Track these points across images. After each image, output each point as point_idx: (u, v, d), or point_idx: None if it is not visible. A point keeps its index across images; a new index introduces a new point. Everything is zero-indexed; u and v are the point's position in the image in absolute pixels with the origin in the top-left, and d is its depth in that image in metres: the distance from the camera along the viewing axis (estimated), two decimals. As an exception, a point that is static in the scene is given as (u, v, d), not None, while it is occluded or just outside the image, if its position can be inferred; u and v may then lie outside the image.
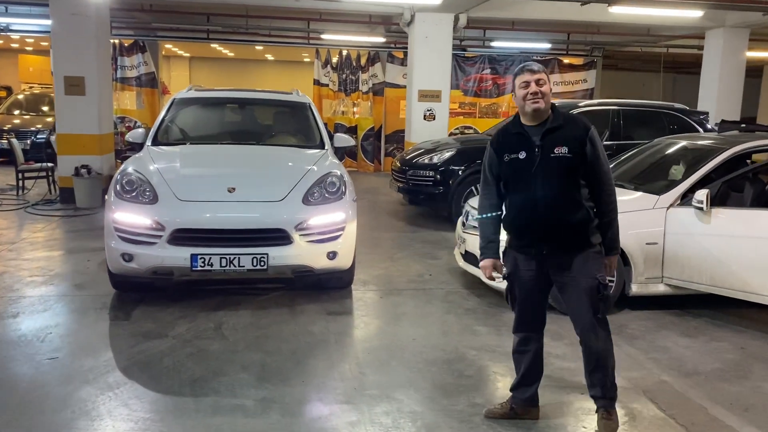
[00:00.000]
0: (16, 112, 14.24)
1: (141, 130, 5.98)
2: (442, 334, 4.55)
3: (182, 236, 4.57)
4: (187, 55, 22.45)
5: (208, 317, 4.71)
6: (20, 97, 14.89)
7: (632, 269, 4.95)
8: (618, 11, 9.01)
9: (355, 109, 14.74)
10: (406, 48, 13.84)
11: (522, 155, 3.04)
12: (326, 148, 5.90)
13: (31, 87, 16.03)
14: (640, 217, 5.06)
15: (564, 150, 2.97)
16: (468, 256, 5.45)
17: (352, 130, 14.20)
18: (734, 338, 4.62)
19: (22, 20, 13.03)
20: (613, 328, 3.32)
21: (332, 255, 4.88)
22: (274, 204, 4.75)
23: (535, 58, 14.89)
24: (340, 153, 6.25)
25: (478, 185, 7.88)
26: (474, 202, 5.70)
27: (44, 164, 9.66)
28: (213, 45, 16.76)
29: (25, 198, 9.48)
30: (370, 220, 8.75)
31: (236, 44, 15.67)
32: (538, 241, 3.07)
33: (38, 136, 12.55)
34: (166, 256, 4.55)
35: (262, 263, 4.60)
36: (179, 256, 4.53)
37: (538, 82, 3.00)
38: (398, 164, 8.88)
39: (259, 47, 16.78)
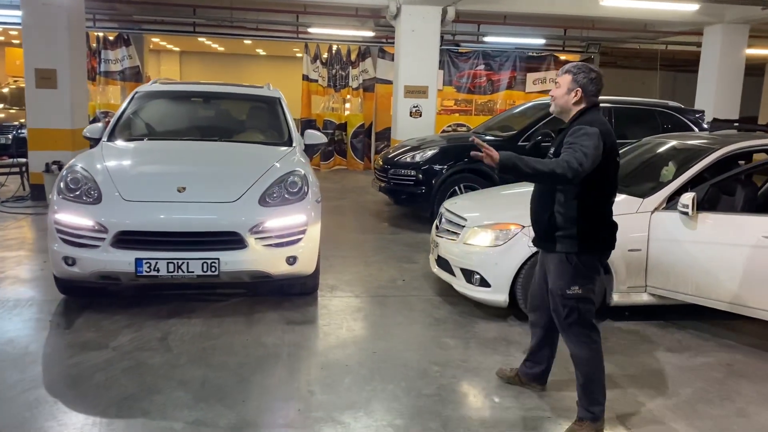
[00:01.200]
0: (0, 105, 13.93)
1: (99, 125, 5.65)
2: (405, 348, 4.22)
3: (126, 239, 4.25)
4: (177, 49, 22.14)
5: (156, 326, 4.39)
6: (5, 90, 14.57)
7: (613, 277, 4.62)
8: (610, 4, 8.67)
9: (345, 106, 14.41)
10: (397, 43, 13.62)
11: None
12: (294, 145, 5.57)
13: (16, 80, 15.72)
14: (623, 221, 4.62)
15: (552, 151, 3.07)
16: (441, 262, 5.12)
17: (341, 127, 13.88)
18: (720, 354, 4.29)
19: (3, 11, 12.69)
20: (591, 341, 3.04)
21: (292, 260, 4.55)
22: (227, 205, 4.42)
23: (530, 53, 14.55)
24: (312, 151, 5.92)
25: (462, 185, 7.58)
26: (449, 203, 5.38)
27: (15, 159, 9.34)
28: (200, 39, 16.43)
29: (-3, 194, 9.18)
30: (350, 221, 8.43)
31: (224, 38, 15.33)
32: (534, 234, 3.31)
33: (21, 131, 12.24)
34: (109, 260, 4.23)
35: (213, 269, 4.27)
36: (123, 260, 4.21)
37: (555, 83, 3.14)
38: (380, 163, 8.55)
39: (248, 41, 16.44)
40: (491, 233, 4.67)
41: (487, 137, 8.21)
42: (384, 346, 4.22)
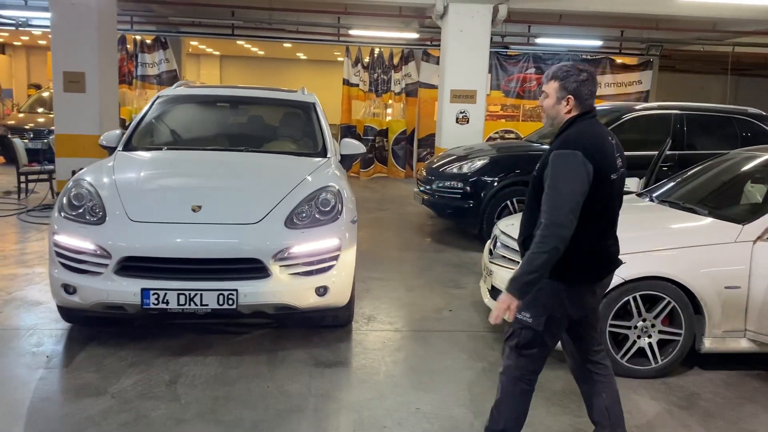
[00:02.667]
0: (40, 110, 13.79)
1: (116, 132, 5.13)
2: (455, 402, 3.52)
3: (132, 266, 3.68)
4: (217, 53, 21.91)
5: (166, 365, 3.80)
6: (45, 95, 14.44)
7: (705, 319, 3.84)
8: (684, 1, 7.77)
9: (386, 111, 13.79)
10: (442, 45, 12.94)
11: None
12: (329, 155, 4.94)
13: (56, 85, 15.60)
14: (716, 252, 3.93)
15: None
16: (496, 293, 4.40)
17: (382, 133, 13.26)
18: None
19: (43, 14, 12.49)
20: (681, 397, 2.35)
21: (322, 291, 3.91)
22: (247, 227, 3.81)
23: (583, 56, 13.67)
24: (350, 161, 5.28)
25: (515, 199, 6.84)
26: (505, 225, 4.65)
27: (44, 166, 8.99)
28: (239, 42, 16.05)
29: (26, 202, 8.85)
30: (389, 235, 7.76)
31: (264, 41, 14.88)
32: None
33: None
34: (113, 290, 3.66)
35: (231, 301, 3.66)
36: (127, 290, 3.64)
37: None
38: (424, 173, 7.87)
39: (287, 45, 15.97)
40: (558, 264, 3.93)
41: (544, 146, 7.45)
42: (429, 400, 3.53)
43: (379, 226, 8.19)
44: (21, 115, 13.76)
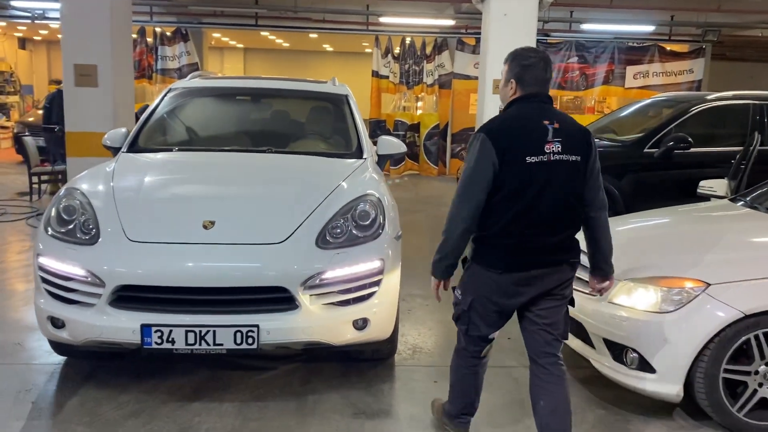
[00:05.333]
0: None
1: (122, 131, 4.45)
2: (531, 470, 2.78)
3: (130, 296, 3.00)
4: (241, 46, 21.30)
5: (173, 415, 3.12)
6: (64, 91, 13.97)
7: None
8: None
9: (418, 104, 13.02)
10: (478, 33, 12.07)
11: None
12: (365, 156, 4.21)
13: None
14: None
15: None
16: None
17: (414, 128, 12.50)
18: None
19: (58, 5, 11.97)
20: None
21: (361, 323, 3.20)
22: (271, 248, 3.10)
23: (630, 43, 12.71)
24: (384, 162, 4.55)
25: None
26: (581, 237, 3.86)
27: (56, 166, 8.42)
28: (263, 33, 15.39)
29: (39, 204, 8.31)
30: (427, 242, 6.98)
31: (288, 32, 14.21)
32: None
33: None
34: (107, 325, 2.98)
35: (250, 340, 2.96)
36: (124, 326, 2.96)
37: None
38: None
39: (313, 35, 15.27)
40: (656, 292, 3.15)
41: (603, 142, 6.62)
42: (499, 467, 2.79)
43: (415, 231, 7.43)
44: (40, 111, 13.28)
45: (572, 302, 2.75)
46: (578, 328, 3.54)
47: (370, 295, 3.22)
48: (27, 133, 10.98)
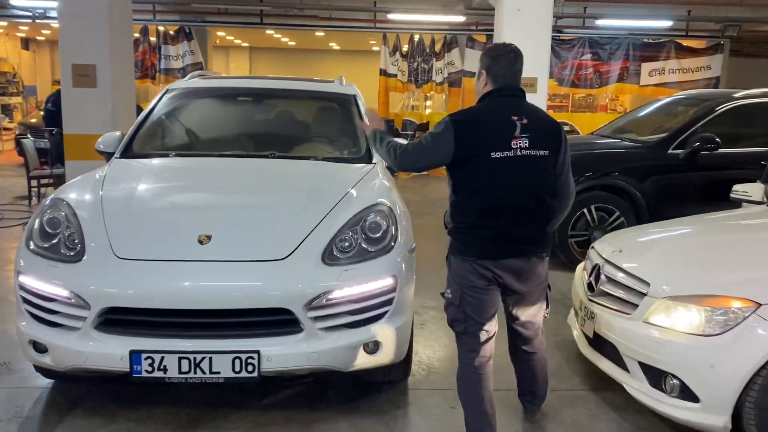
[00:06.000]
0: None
1: (116, 134, 4.19)
2: None
3: (117, 319, 2.72)
4: (246, 45, 21.05)
5: (165, 449, 2.84)
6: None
7: None
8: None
9: (427, 103, 12.73)
10: (489, 29, 11.77)
11: None
12: (374, 160, 3.92)
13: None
14: None
15: None
16: (600, 342, 3.34)
17: (422, 128, 12.17)
18: None
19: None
20: None
21: (372, 347, 2.92)
22: (272, 265, 2.81)
23: (645, 40, 12.37)
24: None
25: (593, 207, 5.72)
26: (608, 250, 3.55)
27: (53, 169, 8.17)
28: (269, 31, 15.13)
29: (35, 209, 8.05)
30: (438, 248, 6.59)
31: (294, 30, 13.93)
32: None
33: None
34: (92, 352, 2.71)
35: (250, 367, 2.68)
36: (112, 353, 2.69)
37: None
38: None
39: (320, 33, 15.00)
40: (700, 312, 2.84)
41: (624, 143, 6.31)
42: None
43: (425, 236, 7.10)
44: (43, 112, 13.07)
45: (548, 286, 2.91)
46: (609, 349, 3.24)
47: (381, 316, 2.93)
48: (27, 135, 10.77)
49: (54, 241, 2.92)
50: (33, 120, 12.58)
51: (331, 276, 2.82)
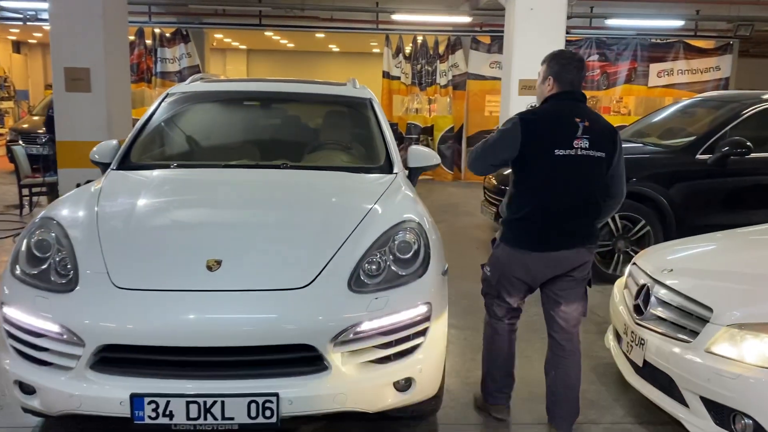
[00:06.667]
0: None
1: (113, 143, 3.84)
2: None
3: (116, 358, 2.38)
4: (244, 47, 20.69)
5: (171, 501, 2.49)
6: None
7: None
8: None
9: (431, 106, 12.40)
10: (495, 30, 11.47)
11: None
12: (395, 170, 3.60)
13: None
14: None
15: None
16: (650, 371, 3.01)
17: (427, 131, 11.89)
18: None
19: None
20: None
21: (404, 384, 2.58)
22: (292, 294, 2.47)
23: (653, 40, 12.08)
24: (416, 177, 3.93)
25: (617, 215, 5.36)
26: (658, 268, 3.23)
27: (46, 177, 7.81)
28: (267, 33, 14.78)
29: (27, 219, 7.69)
30: (454, 260, 6.27)
31: (294, 32, 13.60)
32: None
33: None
34: (87, 395, 2.36)
35: (268, 412, 2.34)
36: (110, 396, 2.34)
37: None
38: (494, 182, 6.48)
39: (320, 35, 14.67)
40: (775, 344, 2.52)
41: (648, 147, 5.99)
42: None
43: (438, 245, 6.79)
44: (35, 117, 12.68)
45: (590, 283, 2.97)
46: (662, 379, 2.91)
47: (414, 348, 2.60)
48: (19, 141, 10.39)
49: (43, 267, 2.58)
50: (25, 125, 12.19)
51: (359, 305, 2.48)
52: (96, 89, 7.09)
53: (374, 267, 2.63)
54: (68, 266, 2.55)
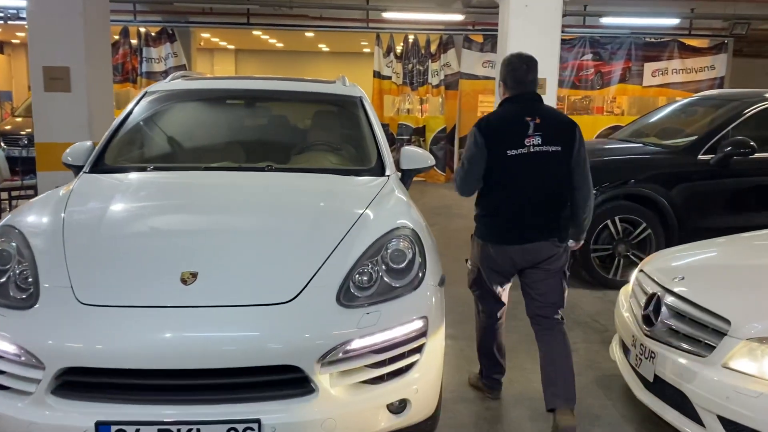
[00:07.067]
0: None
1: (87, 144, 3.61)
2: None
3: (80, 382, 2.15)
4: (232, 47, 20.40)
5: None
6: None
7: None
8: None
9: (422, 107, 12.20)
10: (487, 29, 11.27)
11: None
12: (387, 172, 3.39)
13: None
14: None
15: None
16: (661, 387, 2.81)
17: (419, 132, 11.67)
18: None
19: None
20: None
21: (398, 405, 2.38)
22: (275, 310, 2.25)
23: (647, 39, 11.92)
24: (409, 180, 3.72)
25: (617, 218, 5.17)
26: (668, 276, 3.04)
27: (24, 180, 7.54)
28: (255, 33, 14.52)
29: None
30: (448, 265, 6.10)
31: (283, 31, 13.33)
32: None
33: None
34: (47, 423, 2.13)
35: (250, 441, 2.12)
36: (73, 424, 2.12)
37: None
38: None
39: (309, 34, 14.43)
40: (801, 360, 2.33)
41: (648, 147, 5.81)
42: None
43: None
44: (18, 119, 12.37)
45: (565, 274, 3.08)
46: (675, 396, 2.72)
47: (409, 367, 2.39)
48: (0, 143, 10.11)
49: (1, 281, 2.34)
50: (8, 127, 11.89)
51: (349, 321, 2.27)
52: (76, 89, 6.81)
53: (365, 278, 2.42)
54: (29, 280, 2.32)
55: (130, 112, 3.71)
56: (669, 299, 2.87)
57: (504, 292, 3.17)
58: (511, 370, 3.61)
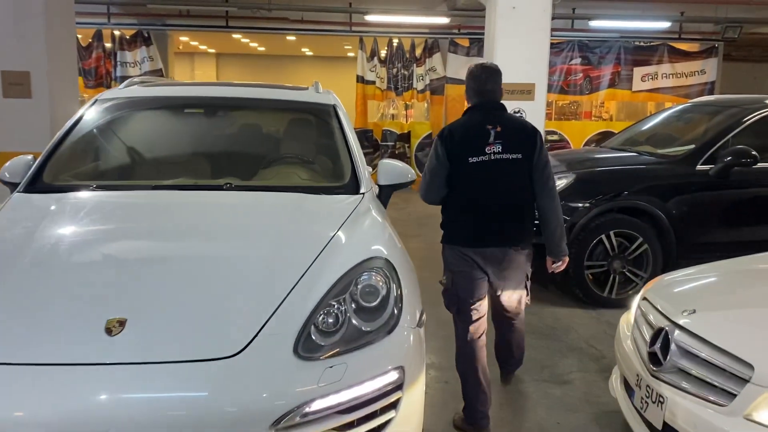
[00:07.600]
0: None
1: (27, 158, 3.21)
2: None
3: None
4: (213, 51, 19.98)
5: None
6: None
7: None
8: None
9: (407, 112, 11.86)
10: (474, 33, 10.97)
11: None
12: (362, 189, 3.02)
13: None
14: None
15: None
16: (670, 436, 2.47)
17: (404, 138, 11.33)
18: None
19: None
20: None
21: (371, 473, 2.00)
22: (220, 365, 1.88)
23: (637, 43, 11.67)
24: (388, 196, 3.36)
25: (612, 233, 4.81)
26: (664, 296, 2.70)
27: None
28: (236, 36, 14.14)
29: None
30: (433, 283, 5.79)
31: (264, 34, 12.95)
32: None
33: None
34: None
35: None
36: None
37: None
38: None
39: (291, 38, 14.06)
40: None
41: (643, 157, 5.49)
42: None
43: (414, 264, 6.20)
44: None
45: (528, 277, 3.19)
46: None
47: (383, 427, 2.03)
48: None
49: None
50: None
51: (309, 377, 1.90)
52: (38, 95, 6.40)
53: (331, 320, 2.06)
54: None
55: (77, 122, 3.33)
56: (678, 335, 2.53)
57: (482, 304, 3.10)
58: (498, 409, 3.25)
